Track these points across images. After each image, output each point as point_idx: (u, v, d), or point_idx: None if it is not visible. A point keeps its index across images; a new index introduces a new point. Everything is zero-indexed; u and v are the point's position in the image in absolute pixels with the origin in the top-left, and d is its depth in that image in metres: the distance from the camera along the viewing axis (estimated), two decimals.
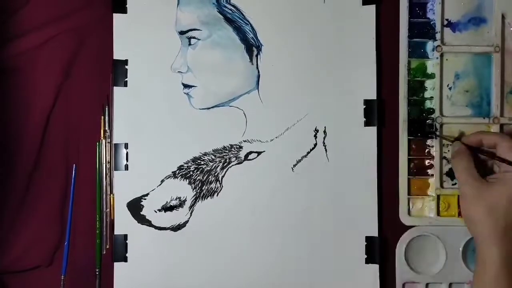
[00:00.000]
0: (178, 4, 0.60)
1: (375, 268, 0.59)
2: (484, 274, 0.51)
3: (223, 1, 0.60)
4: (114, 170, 0.59)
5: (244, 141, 0.60)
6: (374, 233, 0.59)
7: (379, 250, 0.59)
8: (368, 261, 0.59)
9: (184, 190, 0.59)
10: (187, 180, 0.59)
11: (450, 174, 0.60)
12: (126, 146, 0.59)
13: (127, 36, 0.59)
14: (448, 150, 0.61)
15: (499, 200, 0.50)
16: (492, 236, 0.50)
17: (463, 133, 0.60)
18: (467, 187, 0.53)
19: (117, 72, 0.59)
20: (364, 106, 0.60)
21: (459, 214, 0.60)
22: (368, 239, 0.59)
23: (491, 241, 0.50)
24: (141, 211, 0.59)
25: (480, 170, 0.54)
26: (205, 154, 0.60)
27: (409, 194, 0.60)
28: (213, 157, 0.60)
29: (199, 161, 0.59)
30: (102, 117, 0.59)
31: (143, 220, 0.59)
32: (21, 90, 0.59)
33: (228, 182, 0.60)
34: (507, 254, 0.50)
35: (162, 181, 0.59)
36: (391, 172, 0.60)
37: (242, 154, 0.60)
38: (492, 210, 0.50)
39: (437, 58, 0.60)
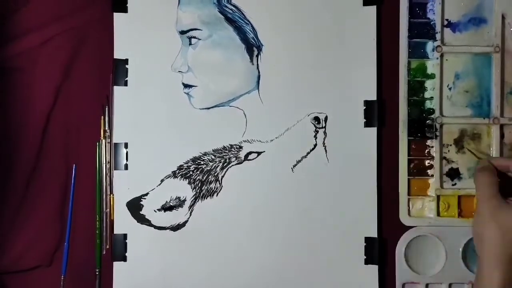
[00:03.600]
0: (178, 4, 0.60)
1: (374, 268, 0.59)
2: None
3: (224, 1, 0.60)
4: (114, 169, 0.59)
5: (244, 141, 0.60)
6: (374, 233, 0.59)
7: (379, 251, 0.59)
8: (367, 261, 0.59)
9: (184, 190, 0.59)
10: (187, 180, 0.59)
11: (450, 174, 0.61)
12: (126, 145, 0.59)
13: (128, 36, 0.59)
14: (448, 151, 0.61)
15: None
16: (497, 258, 0.50)
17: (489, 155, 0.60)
18: (485, 204, 0.52)
19: (118, 71, 0.59)
20: (364, 107, 0.60)
21: (459, 214, 0.60)
22: (368, 239, 0.59)
23: (495, 264, 0.50)
24: (140, 211, 0.59)
25: (502, 192, 0.53)
26: (205, 154, 0.60)
27: (409, 194, 0.60)
28: (213, 157, 0.60)
29: (199, 161, 0.59)
30: (102, 116, 0.59)
31: (142, 220, 0.59)
32: (21, 89, 0.59)
33: (228, 182, 0.60)
34: (508, 279, 0.49)
35: (162, 180, 0.59)
36: (391, 172, 0.60)
37: (242, 154, 0.60)
38: (504, 233, 0.50)
39: (437, 58, 0.60)
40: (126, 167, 0.59)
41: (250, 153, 0.60)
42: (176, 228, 0.59)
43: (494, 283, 0.49)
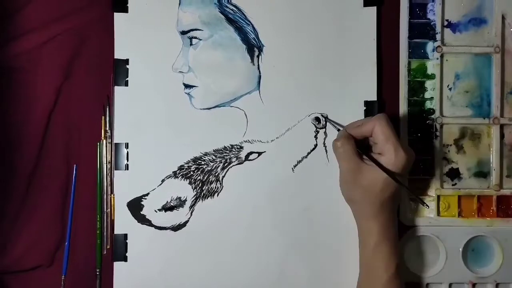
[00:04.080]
0: (179, 4, 0.60)
1: None
2: (366, 244, 0.55)
3: (225, 2, 0.60)
4: (115, 169, 0.59)
5: (245, 141, 0.60)
6: None
7: None
8: None
9: (185, 190, 0.59)
10: (188, 180, 0.59)
11: (450, 174, 0.61)
12: (126, 145, 0.59)
13: (128, 36, 0.59)
14: (448, 151, 0.61)
15: (375, 183, 0.53)
16: (369, 214, 0.54)
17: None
18: (346, 170, 0.55)
19: (118, 71, 0.59)
20: (364, 107, 0.60)
21: (459, 214, 0.60)
22: None
23: (368, 218, 0.54)
24: (141, 211, 0.59)
25: (361, 147, 0.55)
26: (206, 154, 0.60)
27: (409, 194, 0.60)
28: (213, 157, 0.60)
29: (199, 161, 0.59)
30: (103, 116, 0.59)
31: (143, 220, 0.59)
32: (22, 90, 0.59)
33: (229, 182, 0.60)
34: (383, 227, 0.54)
35: (163, 180, 0.59)
36: None
37: (242, 154, 0.60)
38: (368, 192, 0.54)
39: (437, 58, 0.60)
40: (126, 167, 0.59)
41: (250, 153, 0.60)
42: (176, 228, 0.59)
43: (374, 233, 0.54)
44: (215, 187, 0.60)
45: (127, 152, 0.59)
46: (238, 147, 0.60)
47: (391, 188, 0.53)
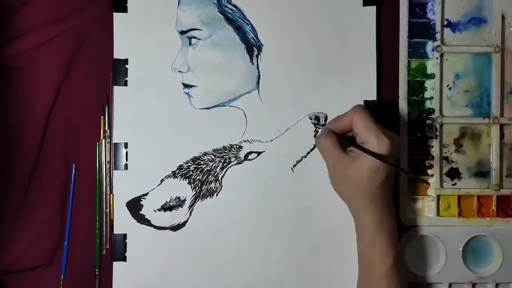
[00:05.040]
0: (178, 4, 0.60)
1: None
2: (362, 237, 0.55)
3: (224, 1, 0.60)
4: (114, 169, 0.59)
5: (244, 141, 0.60)
6: None
7: None
8: None
9: (184, 189, 0.59)
10: (187, 179, 0.59)
11: (450, 174, 0.61)
12: (126, 145, 0.59)
13: (128, 36, 0.59)
14: (448, 151, 0.61)
15: (361, 173, 0.53)
16: (362, 207, 0.54)
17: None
18: (330, 165, 0.56)
19: (117, 71, 0.59)
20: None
21: (459, 214, 0.60)
22: None
23: (362, 211, 0.54)
24: (140, 211, 0.59)
25: (346, 140, 0.55)
26: (205, 154, 0.60)
27: (409, 194, 0.60)
28: (213, 157, 0.60)
29: (199, 161, 0.59)
30: (102, 116, 0.59)
31: (142, 220, 0.59)
32: (21, 89, 0.59)
33: (228, 182, 0.60)
34: (377, 219, 0.53)
35: (162, 180, 0.59)
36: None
37: (242, 154, 0.60)
38: (356, 183, 0.53)
39: (437, 58, 0.60)
40: (126, 167, 0.59)
41: (250, 153, 0.60)
42: (176, 228, 0.59)
43: (370, 225, 0.53)
44: (214, 187, 0.60)
45: (126, 152, 0.59)
46: (237, 146, 0.60)
47: (379, 176, 0.53)
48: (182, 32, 0.60)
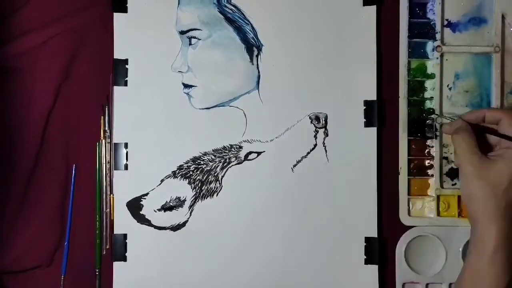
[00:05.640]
0: (178, 4, 0.60)
1: (374, 268, 0.59)
2: (481, 253, 0.49)
3: (224, 1, 0.60)
4: (114, 169, 0.59)
5: (244, 141, 0.60)
6: (374, 234, 0.59)
7: (379, 251, 0.59)
8: (367, 261, 0.59)
9: (184, 190, 0.59)
10: (187, 180, 0.59)
11: (450, 174, 0.61)
12: (126, 145, 0.59)
13: (128, 36, 0.59)
14: (448, 150, 0.61)
15: (501, 178, 0.49)
16: (491, 215, 0.49)
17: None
18: (468, 164, 0.51)
19: (117, 71, 0.59)
20: (364, 107, 0.60)
21: (459, 214, 0.60)
22: (368, 239, 0.59)
23: (490, 220, 0.49)
24: (140, 211, 0.59)
25: (481, 146, 0.52)
26: (205, 154, 0.60)
27: (409, 194, 0.60)
28: (213, 157, 0.60)
29: (199, 161, 0.59)
30: (102, 116, 0.59)
31: (142, 220, 0.59)
32: (21, 89, 0.59)
33: (228, 182, 0.60)
34: (504, 234, 0.49)
35: (162, 180, 0.59)
36: (391, 172, 0.60)
37: (242, 154, 0.60)
38: (494, 188, 0.49)
39: (437, 58, 0.60)
40: (126, 167, 0.59)
41: (250, 153, 0.60)
42: (176, 228, 0.59)
43: (493, 239, 0.49)
44: (215, 187, 0.60)
45: (127, 152, 0.59)
46: (237, 147, 0.60)
47: None
48: (182, 32, 0.60)
